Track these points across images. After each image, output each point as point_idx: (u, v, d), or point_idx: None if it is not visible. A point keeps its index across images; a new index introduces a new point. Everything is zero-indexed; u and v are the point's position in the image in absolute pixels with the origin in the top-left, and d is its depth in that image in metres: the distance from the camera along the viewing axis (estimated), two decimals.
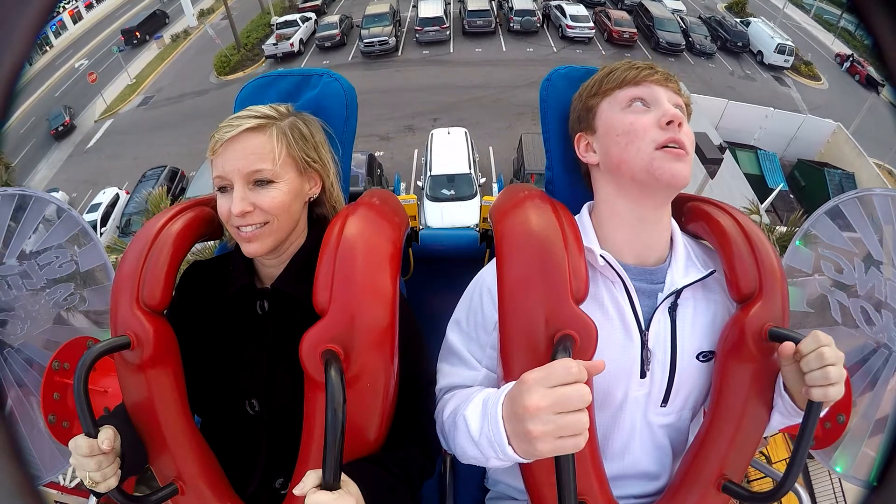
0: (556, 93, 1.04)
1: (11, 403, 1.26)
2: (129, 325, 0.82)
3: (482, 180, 10.50)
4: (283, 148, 0.87)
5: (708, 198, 0.98)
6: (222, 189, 0.86)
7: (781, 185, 10.22)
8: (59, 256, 1.33)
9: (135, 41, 20.76)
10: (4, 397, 1.26)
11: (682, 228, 0.94)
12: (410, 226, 1.34)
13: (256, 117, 0.87)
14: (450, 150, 10.81)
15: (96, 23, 23.00)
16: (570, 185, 1.04)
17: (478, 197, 10.01)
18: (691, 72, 16.09)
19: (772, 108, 13.26)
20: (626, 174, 0.84)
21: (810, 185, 11.23)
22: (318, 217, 0.98)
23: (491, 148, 12.58)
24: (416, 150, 12.73)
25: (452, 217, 9.70)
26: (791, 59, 17.29)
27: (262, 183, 0.85)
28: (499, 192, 1.35)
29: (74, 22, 22.88)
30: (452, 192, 10.12)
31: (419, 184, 11.04)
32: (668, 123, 0.82)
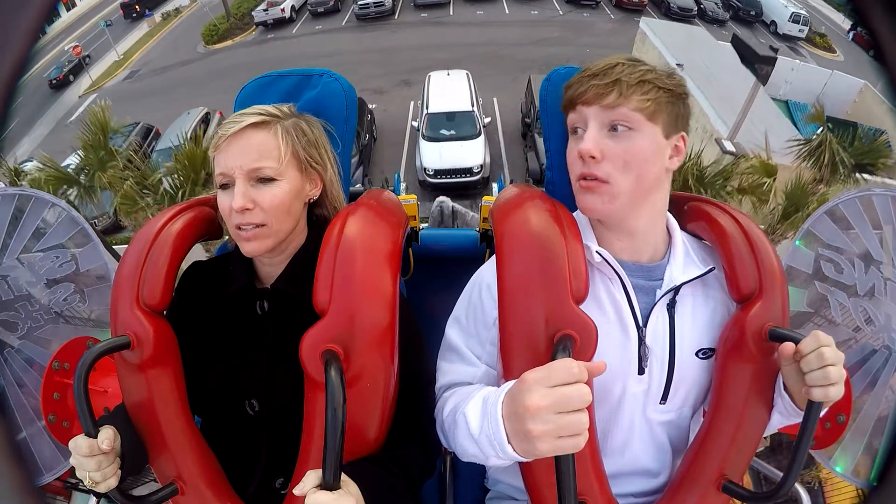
0: (555, 92, 1.04)
1: (11, 403, 1.26)
2: (129, 325, 0.82)
3: (486, 120, 9.62)
4: (286, 146, 0.87)
5: (708, 198, 0.99)
6: (224, 186, 0.86)
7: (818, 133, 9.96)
8: (59, 256, 1.33)
9: (134, 14, 20.70)
10: (4, 397, 1.26)
11: (682, 227, 0.94)
12: (410, 226, 1.34)
13: (260, 114, 0.87)
14: (450, 90, 9.85)
15: (89, 9, 22.88)
16: (570, 185, 1.04)
17: (482, 137, 9.13)
18: None
19: (797, 61, 12.55)
20: None
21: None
22: (318, 217, 0.98)
23: (495, 99, 12.12)
24: (412, 102, 12.27)
25: (453, 156, 8.85)
26: (805, 28, 16.68)
27: (263, 180, 0.85)
28: (499, 191, 1.35)
29: (68, 9, 22.85)
30: (452, 131, 9.16)
31: (414, 124, 10.06)
32: (581, 158, 0.82)
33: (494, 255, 0.88)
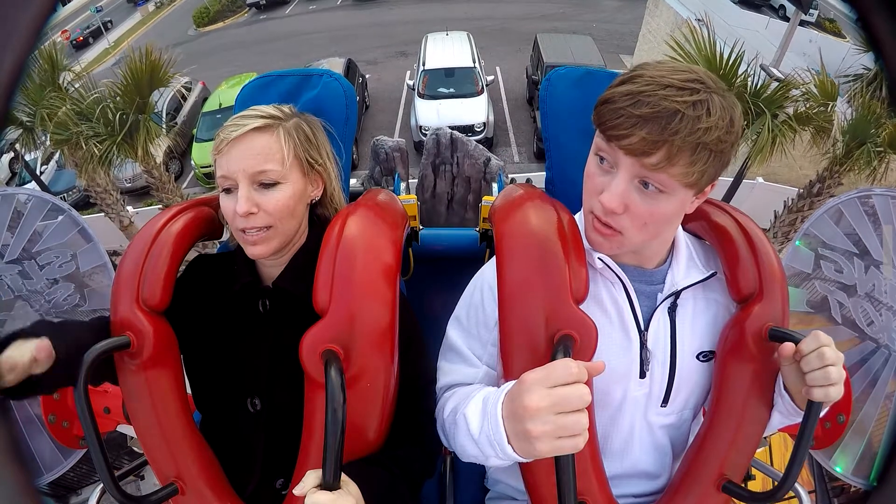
0: (555, 93, 1.04)
1: (12, 403, 1.26)
2: (129, 325, 0.82)
3: (490, 78, 8.95)
4: (289, 148, 0.87)
5: (709, 198, 0.98)
6: (227, 190, 0.86)
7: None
8: (59, 256, 1.33)
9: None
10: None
11: (683, 226, 0.94)
12: (410, 226, 1.34)
13: (262, 117, 0.86)
14: (449, 48, 9.22)
15: (84, 4, 23.04)
16: (570, 185, 1.04)
17: (484, 95, 8.50)
18: None
19: (815, 32, 12.02)
20: None
21: None
22: (318, 217, 0.98)
23: (498, 68, 11.79)
24: (408, 72, 11.92)
25: (452, 114, 8.12)
26: (815, 13, 16.62)
27: (266, 184, 0.85)
28: (499, 192, 1.35)
29: (63, 4, 23.09)
30: (452, 89, 8.50)
31: (409, 83, 9.47)
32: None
33: (495, 257, 0.88)
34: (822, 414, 0.73)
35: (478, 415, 0.73)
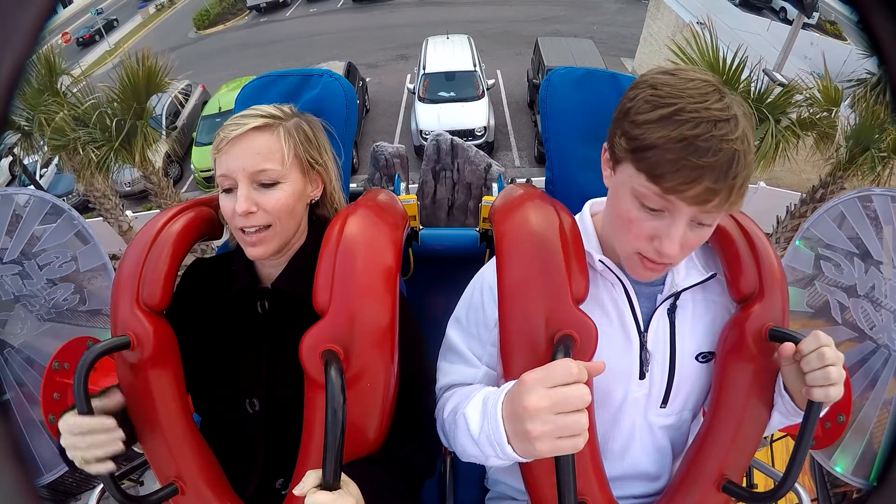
0: (555, 93, 1.04)
1: (12, 403, 1.26)
2: (129, 325, 0.82)
3: (490, 82, 8.92)
4: (289, 148, 0.87)
5: None
6: (226, 189, 0.86)
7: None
8: (59, 256, 1.33)
9: None
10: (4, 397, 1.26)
11: None
12: (410, 226, 1.34)
13: (262, 116, 0.86)
14: (449, 51, 9.22)
15: (84, 6, 23.11)
16: (570, 185, 1.04)
17: (485, 99, 8.48)
18: None
19: (817, 35, 12.01)
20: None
21: None
22: (318, 217, 0.98)
23: (499, 72, 11.78)
24: (408, 75, 11.94)
25: (452, 118, 8.10)
26: (816, 15, 16.58)
27: (266, 184, 0.85)
28: (499, 191, 1.35)
29: (64, 6, 23.20)
30: (452, 92, 8.46)
31: (410, 87, 9.43)
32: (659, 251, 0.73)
33: (495, 257, 0.88)
34: (822, 414, 0.73)
35: (478, 415, 0.73)
